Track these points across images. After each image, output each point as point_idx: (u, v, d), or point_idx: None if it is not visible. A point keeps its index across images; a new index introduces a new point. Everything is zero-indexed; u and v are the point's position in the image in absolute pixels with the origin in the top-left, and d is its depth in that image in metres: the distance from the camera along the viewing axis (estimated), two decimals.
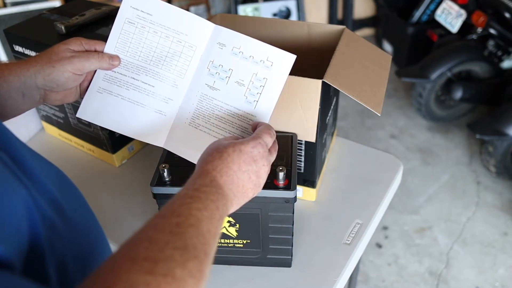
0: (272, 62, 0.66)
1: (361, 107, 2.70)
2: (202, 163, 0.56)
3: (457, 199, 2.11)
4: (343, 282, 0.81)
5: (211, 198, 0.51)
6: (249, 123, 0.68)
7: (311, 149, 0.85)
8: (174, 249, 0.42)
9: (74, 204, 0.55)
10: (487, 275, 1.78)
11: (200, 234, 0.46)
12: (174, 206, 0.49)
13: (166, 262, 0.41)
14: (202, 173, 0.54)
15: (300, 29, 0.99)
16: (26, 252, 0.39)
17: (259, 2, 3.04)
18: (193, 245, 0.45)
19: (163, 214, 0.48)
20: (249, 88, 0.67)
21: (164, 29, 0.70)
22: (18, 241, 0.39)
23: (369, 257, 1.87)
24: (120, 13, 0.71)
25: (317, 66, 0.91)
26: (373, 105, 0.76)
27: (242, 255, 0.81)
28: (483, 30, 2.27)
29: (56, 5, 2.47)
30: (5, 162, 0.42)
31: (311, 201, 0.95)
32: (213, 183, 0.53)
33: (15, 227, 0.39)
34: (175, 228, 0.45)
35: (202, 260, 0.45)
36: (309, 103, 0.79)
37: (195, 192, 0.51)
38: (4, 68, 0.64)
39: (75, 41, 0.69)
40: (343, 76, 0.78)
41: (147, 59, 0.71)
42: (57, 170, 0.55)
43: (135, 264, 0.40)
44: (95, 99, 0.73)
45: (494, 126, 1.97)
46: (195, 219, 0.47)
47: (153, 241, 0.43)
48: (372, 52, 0.91)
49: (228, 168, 0.55)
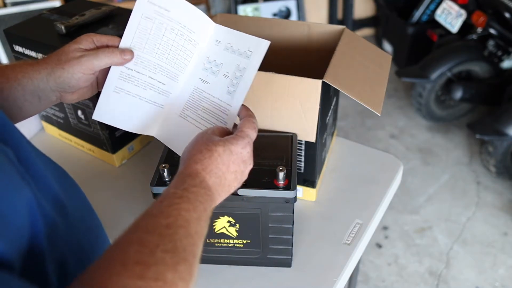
0: (252, 51, 0.67)
1: (361, 107, 2.70)
2: (191, 161, 0.55)
3: (457, 199, 2.11)
4: (343, 282, 0.81)
5: (200, 199, 0.51)
6: (226, 113, 0.67)
7: (311, 149, 0.85)
8: (165, 252, 0.42)
9: (77, 204, 0.55)
10: (487, 275, 1.78)
11: (189, 236, 0.46)
12: (163, 206, 0.48)
13: (157, 266, 0.41)
14: (191, 173, 0.54)
15: (300, 29, 0.99)
16: (26, 251, 0.39)
17: (259, 2, 3.04)
18: (183, 247, 0.45)
19: (152, 214, 0.47)
20: (231, 79, 0.67)
21: (181, 27, 0.69)
22: (19, 240, 0.39)
23: (369, 257, 1.87)
24: (136, 8, 0.68)
25: (317, 66, 0.91)
26: (373, 105, 0.76)
27: (242, 255, 0.81)
28: (483, 30, 2.27)
29: (56, 5, 2.47)
30: (11, 159, 0.42)
31: (311, 201, 0.95)
32: (202, 184, 0.53)
33: (17, 226, 0.39)
34: (165, 229, 0.45)
35: (192, 263, 0.45)
36: (309, 103, 0.79)
37: (184, 192, 0.51)
38: (18, 71, 0.62)
39: (86, 38, 0.66)
40: (343, 76, 0.78)
41: (163, 57, 0.69)
42: (62, 170, 0.55)
43: (126, 268, 0.40)
44: (111, 100, 0.70)
45: (494, 126, 1.96)
46: (184, 220, 0.47)
47: (144, 244, 0.42)
48: (372, 52, 0.91)
49: (218, 169, 0.55)
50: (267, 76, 0.80)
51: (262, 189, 0.70)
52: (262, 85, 0.81)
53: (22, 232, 0.39)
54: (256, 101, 0.82)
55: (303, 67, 0.96)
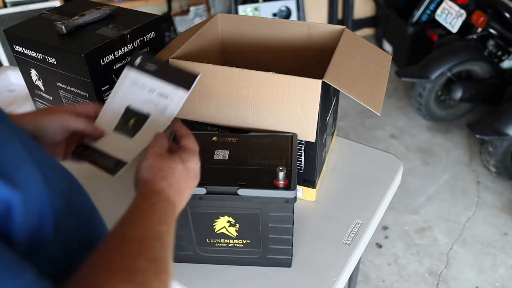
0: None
1: (361, 107, 2.70)
2: (155, 179, 0.58)
3: (457, 199, 2.11)
4: (343, 282, 0.81)
5: (168, 214, 0.55)
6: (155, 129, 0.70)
7: (311, 149, 0.85)
8: (147, 261, 0.45)
9: (81, 198, 0.56)
10: (487, 275, 1.78)
11: (163, 247, 0.50)
12: (134, 219, 0.51)
13: (142, 273, 0.44)
14: (157, 190, 0.57)
15: (300, 29, 0.99)
16: (31, 235, 0.41)
17: (259, 2, 3.04)
18: (162, 258, 0.48)
19: (128, 227, 0.50)
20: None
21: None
22: (32, 212, 0.41)
23: (369, 257, 1.87)
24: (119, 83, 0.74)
25: (317, 66, 0.91)
26: (373, 105, 0.76)
27: (242, 255, 0.81)
28: (483, 30, 2.27)
29: (56, 5, 2.47)
30: (30, 150, 0.44)
31: (311, 201, 0.95)
32: (169, 200, 0.57)
33: (32, 199, 0.41)
34: (143, 240, 0.48)
35: (169, 273, 0.48)
36: (309, 103, 0.79)
37: (153, 206, 0.54)
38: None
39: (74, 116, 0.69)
40: (343, 76, 0.78)
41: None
42: (64, 168, 0.57)
43: (113, 274, 0.42)
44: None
45: (494, 126, 1.96)
46: (158, 233, 0.51)
47: (125, 253, 0.45)
48: (372, 52, 0.91)
49: (181, 188, 0.59)
50: (267, 76, 0.80)
51: (262, 189, 0.70)
52: (262, 85, 0.81)
53: (36, 207, 0.41)
54: (256, 101, 0.82)
55: (303, 67, 0.96)
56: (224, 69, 0.82)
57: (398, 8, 2.93)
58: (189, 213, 0.75)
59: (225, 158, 0.76)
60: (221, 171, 0.74)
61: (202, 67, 0.83)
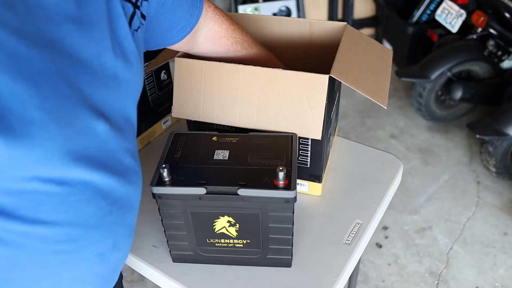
0: None
1: (361, 107, 2.70)
2: None
3: (457, 199, 2.11)
4: (343, 282, 0.81)
5: None
6: None
7: (317, 144, 0.85)
8: None
9: None
10: (487, 275, 1.78)
11: None
12: None
13: None
14: None
15: (302, 26, 0.99)
16: None
17: (259, 2, 3.04)
18: None
19: None
20: None
21: None
22: None
23: (369, 257, 1.86)
24: None
25: (319, 63, 0.92)
26: (379, 99, 0.77)
27: (242, 255, 0.80)
28: (483, 30, 2.27)
29: None
30: None
31: (317, 196, 0.95)
32: None
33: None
34: None
35: None
36: (315, 98, 0.79)
37: None
38: None
39: None
40: (348, 71, 0.79)
41: None
42: None
43: None
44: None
45: (494, 126, 1.96)
46: None
47: None
48: (374, 47, 0.92)
49: None
50: (273, 72, 0.80)
51: (262, 189, 0.70)
52: (268, 81, 0.81)
53: None
54: (262, 97, 0.82)
55: (304, 64, 0.96)
56: (231, 66, 0.82)
57: (398, 8, 2.93)
58: (189, 213, 0.75)
59: (225, 158, 0.76)
60: (221, 171, 0.74)
61: (208, 65, 0.82)
